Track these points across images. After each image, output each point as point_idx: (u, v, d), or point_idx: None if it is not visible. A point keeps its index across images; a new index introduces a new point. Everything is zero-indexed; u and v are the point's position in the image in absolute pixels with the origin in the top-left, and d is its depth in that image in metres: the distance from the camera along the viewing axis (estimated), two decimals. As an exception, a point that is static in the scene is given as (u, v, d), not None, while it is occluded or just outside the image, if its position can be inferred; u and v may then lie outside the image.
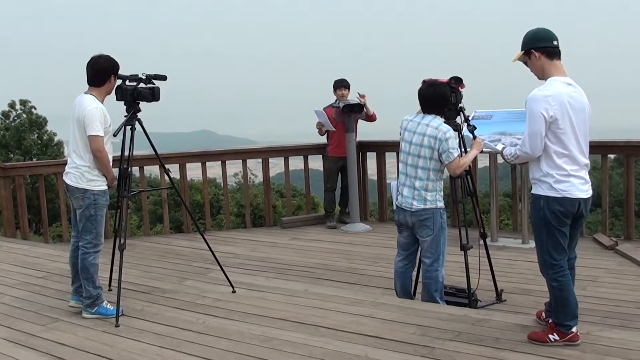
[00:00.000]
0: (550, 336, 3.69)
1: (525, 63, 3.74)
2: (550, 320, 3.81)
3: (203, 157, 8.10)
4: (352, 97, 7.93)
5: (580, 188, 3.61)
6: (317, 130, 8.11)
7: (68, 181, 4.47)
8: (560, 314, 3.70)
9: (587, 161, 3.67)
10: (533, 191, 3.71)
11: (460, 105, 4.76)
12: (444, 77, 4.59)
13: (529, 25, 4.29)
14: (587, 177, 3.68)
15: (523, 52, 3.71)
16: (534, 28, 3.74)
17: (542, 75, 3.67)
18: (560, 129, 3.54)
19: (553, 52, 3.63)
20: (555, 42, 3.63)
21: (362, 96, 7.76)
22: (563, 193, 3.57)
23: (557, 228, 3.62)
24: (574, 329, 3.69)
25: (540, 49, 3.63)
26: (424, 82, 4.49)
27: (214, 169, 8.66)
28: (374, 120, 8.03)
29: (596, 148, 6.96)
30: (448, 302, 4.61)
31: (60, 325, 4.35)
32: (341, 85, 7.96)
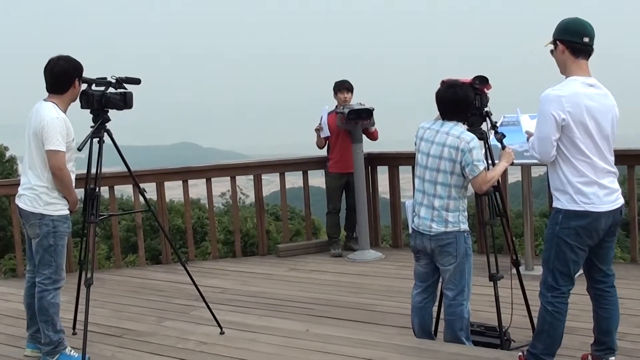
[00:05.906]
0: None
1: (552, 52, 3.86)
2: (520, 354, 3.95)
3: (184, 174, 8.10)
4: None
5: (605, 200, 3.71)
6: (316, 140, 7.95)
7: (22, 205, 4.45)
8: (540, 344, 3.82)
9: (612, 168, 3.77)
10: (553, 205, 3.83)
11: (486, 109, 4.76)
12: (467, 77, 4.59)
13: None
14: (615, 184, 3.78)
15: (552, 40, 3.82)
16: (570, 17, 3.84)
17: (564, 71, 3.80)
18: (575, 133, 3.64)
19: (580, 50, 3.74)
20: (585, 39, 3.73)
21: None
22: (585, 206, 3.67)
23: (572, 248, 3.71)
24: None
25: (566, 42, 3.74)
26: (442, 82, 4.50)
27: (197, 188, 8.67)
28: (376, 138, 7.95)
29: (621, 157, 6.98)
30: (475, 343, 4.59)
31: (15, 377, 4.34)
32: (342, 87, 7.83)
